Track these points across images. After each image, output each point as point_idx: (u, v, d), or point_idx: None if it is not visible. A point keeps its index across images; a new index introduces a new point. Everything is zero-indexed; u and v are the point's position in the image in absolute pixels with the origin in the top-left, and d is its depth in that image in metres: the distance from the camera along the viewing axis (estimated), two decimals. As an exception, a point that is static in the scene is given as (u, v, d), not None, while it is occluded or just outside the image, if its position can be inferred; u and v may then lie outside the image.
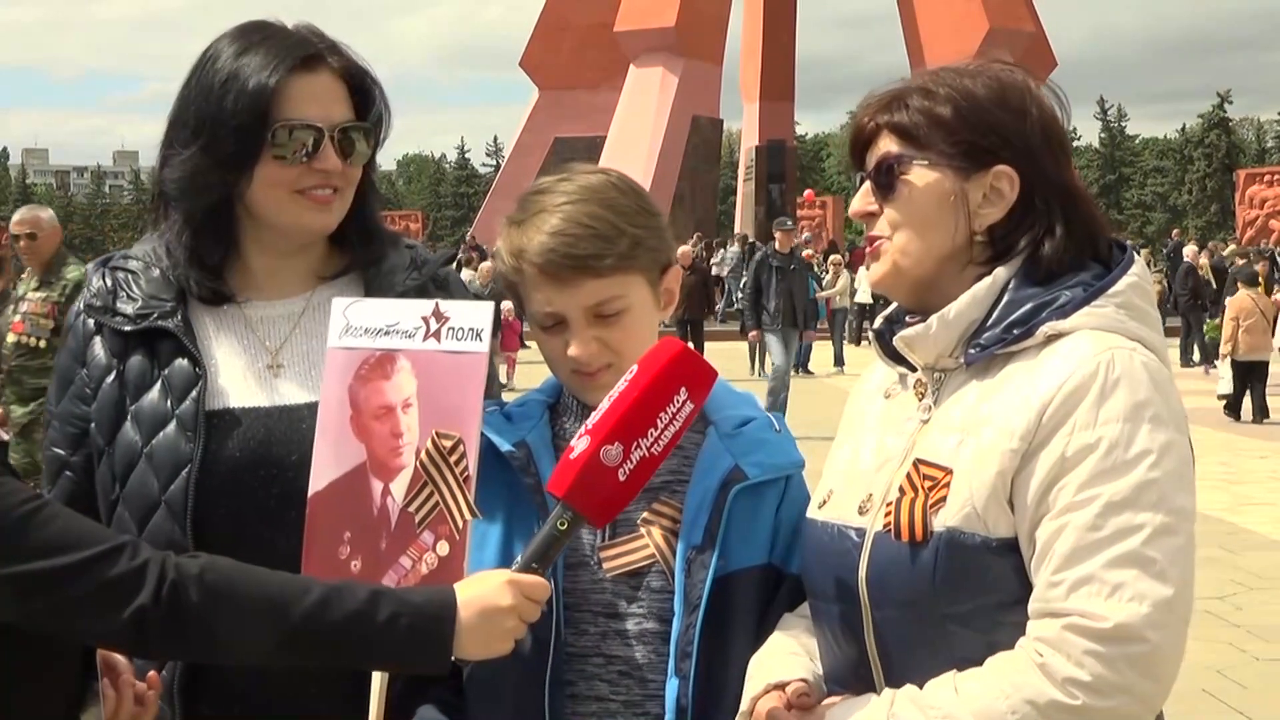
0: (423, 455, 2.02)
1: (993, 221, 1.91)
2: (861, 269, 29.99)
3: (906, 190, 1.91)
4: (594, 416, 1.88)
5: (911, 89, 1.94)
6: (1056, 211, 1.90)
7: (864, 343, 29.27)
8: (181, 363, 2.23)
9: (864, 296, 29.85)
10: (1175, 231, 50.95)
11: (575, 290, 2.05)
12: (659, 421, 1.86)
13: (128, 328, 2.26)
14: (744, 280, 17.95)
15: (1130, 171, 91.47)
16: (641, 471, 1.87)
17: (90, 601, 1.80)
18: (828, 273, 27.07)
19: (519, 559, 1.90)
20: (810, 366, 23.33)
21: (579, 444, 1.87)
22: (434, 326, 2.06)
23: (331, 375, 2.10)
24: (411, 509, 2.02)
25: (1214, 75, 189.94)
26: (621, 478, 1.85)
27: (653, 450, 1.86)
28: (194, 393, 2.20)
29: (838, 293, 24.20)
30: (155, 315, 2.25)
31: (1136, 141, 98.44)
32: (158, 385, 2.23)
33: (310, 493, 2.07)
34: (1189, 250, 28.56)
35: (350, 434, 2.06)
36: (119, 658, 2.10)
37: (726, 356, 20.52)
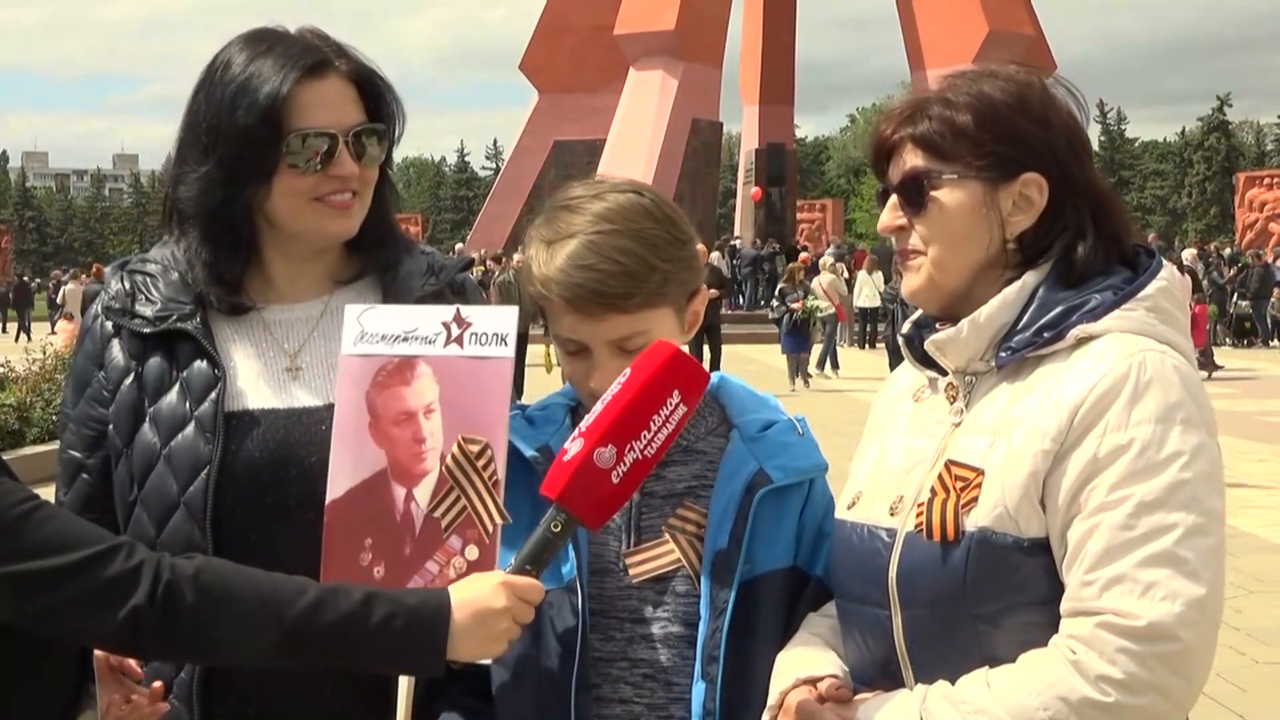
0: (449, 460, 2.01)
1: (1024, 229, 1.92)
2: (861, 273, 30.06)
3: (936, 205, 1.92)
4: (587, 419, 1.89)
5: (931, 99, 1.95)
6: (1086, 215, 1.92)
7: (868, 347, 29.31)
8: (200, 364, 2.23)
9: (864, 301, 29.88)
10: (1160, 234, 50.89)
11: (600, 324, 2.03)
12: (652, 424, 1.87)
13: (147, 330, 2.26)
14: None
15: (1130, 174, 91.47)
16: (635, 474, 1.87)
17: (85, 602, 1.81)
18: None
19: (513, 560, 1.91)
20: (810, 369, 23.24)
21: (572, 446, 1.87)
22: (455, 332, 2.05)
23: (346, 382, 2.09)
24: (437, 514, 2.02)
25: (1214, 78, 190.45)
26: (615, 480, 1.86)
27: (646, 453, 1.87)
28: (213, 394, 2.21)
29: (819, 303, 23.45)
30: (174, 317, 2.26)
31: (1136, 144, 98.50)
32: (176, 387, 2.23)
33: (328, 500, 2.07)
34: (1188, 254, 28.54)
35: (369, 440, 2.06)
36: (129, 662, 2.10)
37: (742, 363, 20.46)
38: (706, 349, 19.83)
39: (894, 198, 1.96)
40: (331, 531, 2.06)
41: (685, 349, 1.99)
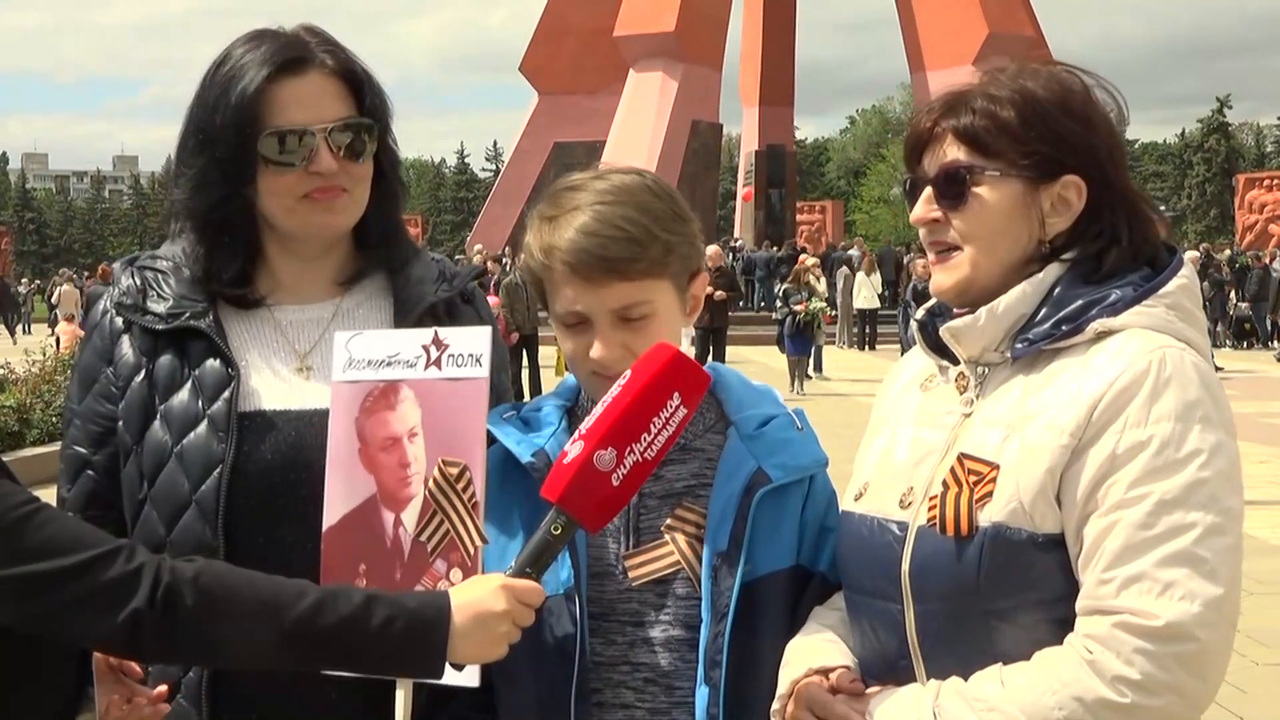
0: (430, 484, 2.01)
1: (1060, 230, 1.90)
2: (860, 274, 30.03)
3: (977, 201, 1.90)
4: (587, 421, 1.88)
5: (973, 92, 1.93)
6: (1122, 220, 1.91)
7: (866, 348, 29.30)
8: (213, 363, 2.22)
9: (862, 302, 29.86)
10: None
11: (603, 292, 2.02)
12: (652, 426, 1.86)
13: (159, 326, 2.25)
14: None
15: (1130, 176, 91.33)
16: (635, 476, 1.86)
17: (85, 604, 1.80)
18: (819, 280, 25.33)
19: (513, 563, 1.90)
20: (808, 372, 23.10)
21: (572, 449, 1.86)
22: (434, 355, 2.05)
23: (338, 410, 2.09)
24: (423, 538, 2.02)
25: (1214, 80, 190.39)
26: (615, 483, 1.85)
27: (646, 455, 1.86)
28: (226, 393, 2.20)
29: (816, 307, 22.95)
30: (187, 315, 2.25)
31: (1136, 146, 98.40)
32: (188, 385, 2.22)
33: (324, 527, 2.07)
34: (1191, 255, 28.48)
35: (360, 467, 2.06)
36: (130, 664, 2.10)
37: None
38: (711, 352, 19.72)
39: (928, 190, 1.94)
40: (328, 558, 2.06)
41: (691, 350, 1.99)
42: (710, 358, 18.95)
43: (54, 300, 36.90)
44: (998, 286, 1.91)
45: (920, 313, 2.03)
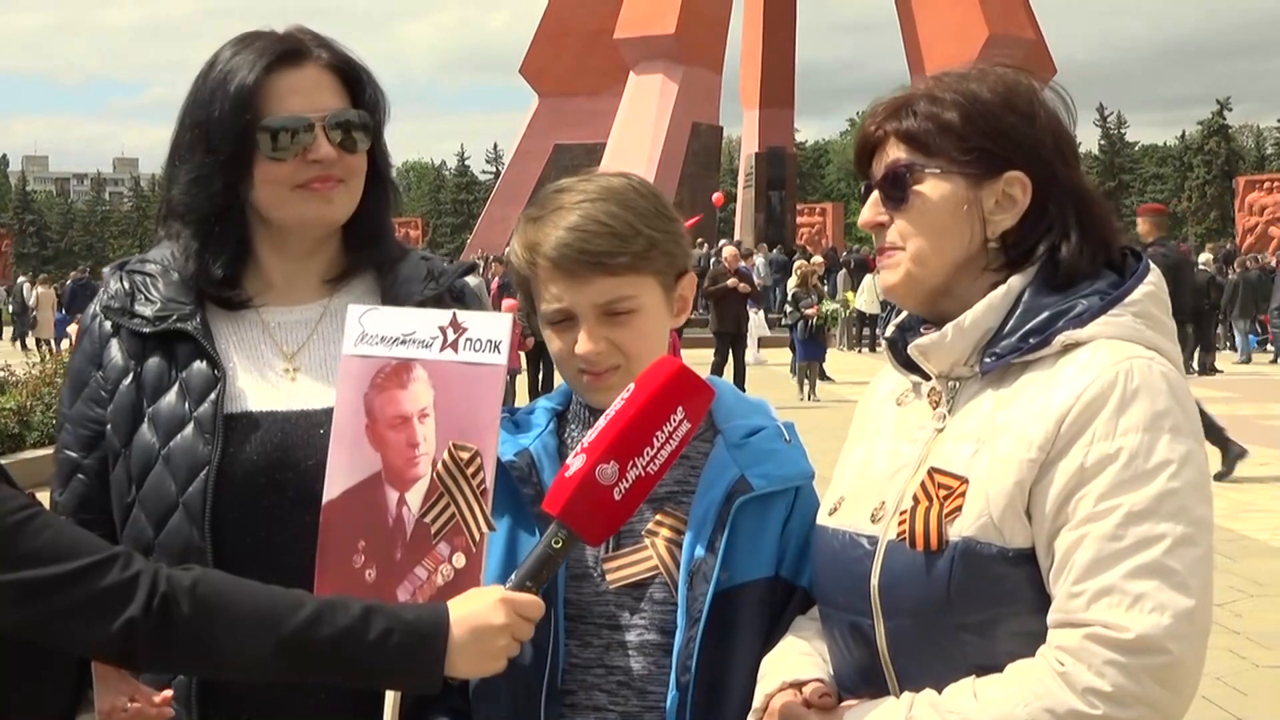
0: (439, 467, 2.01)
1: (1006, 228, 1.90)
2: (867, 277, 30.01)
3: (918, 200, 1.89)
4: (590, 435, 1.87)
5: (918, 95, 1.93)
6: (1070, 216, 1.90)
7: (864, 350, 29.32)
8: (200, 365, 2.23)
9: (864, 305, 29.87)
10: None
11: (587, 287, 2.02)
12: (655, 440, 1.85)
13: (146, 329, 2.27)
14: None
15: (1130, 178, 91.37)
16: (637, 490, 1.85)
17: (80, 611, 1.79)
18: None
19: (513, 577, 1.89)
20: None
21: (574, 462, 1.85)
22: (451, 337, 2.04)
23: (346, 383, 2.08)
24: (427, 520, 2.01)
25: (1214, 82, 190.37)
26: (617, 497, 1.84)
27: (649, 469, 1.85)
28: (213, 395, 2.21)
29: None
30: (174, 318, 2.26)
31: (1136, 148, 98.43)
32: (175, 387, 2.23)
33: (325, 500, 2.06)
34: (1205, 256, 28.38)
35: (365, 443, 2.05)
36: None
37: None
38: (730, 362, 19.28)
39: (875, 193, 1.94)
40: (326, 532, 2.05)
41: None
42: (728, 364, 18.50)
43: (32, 304, 36.87)
44: (944, 286, 1.90)
45: (889, 330, 2.02)
